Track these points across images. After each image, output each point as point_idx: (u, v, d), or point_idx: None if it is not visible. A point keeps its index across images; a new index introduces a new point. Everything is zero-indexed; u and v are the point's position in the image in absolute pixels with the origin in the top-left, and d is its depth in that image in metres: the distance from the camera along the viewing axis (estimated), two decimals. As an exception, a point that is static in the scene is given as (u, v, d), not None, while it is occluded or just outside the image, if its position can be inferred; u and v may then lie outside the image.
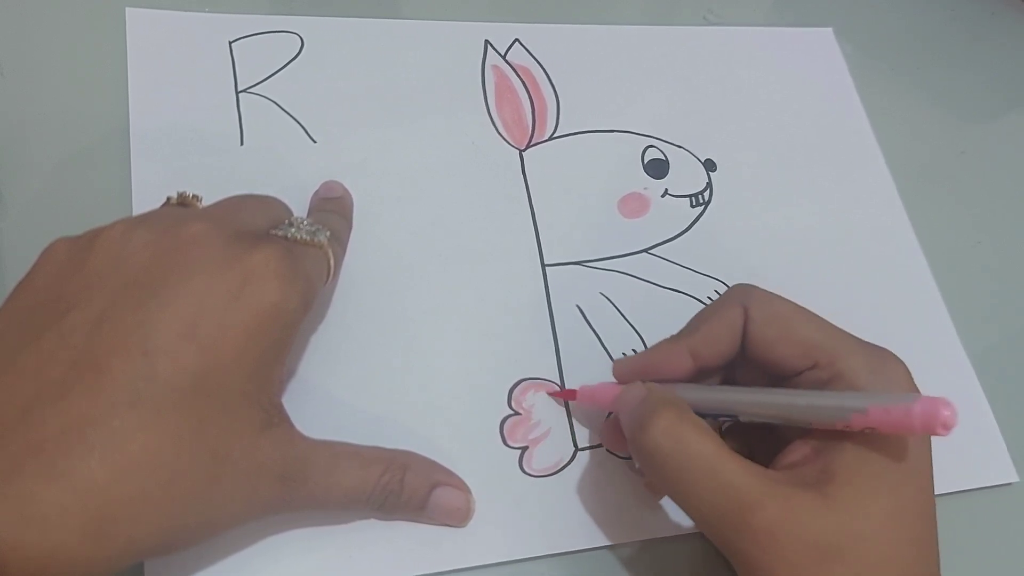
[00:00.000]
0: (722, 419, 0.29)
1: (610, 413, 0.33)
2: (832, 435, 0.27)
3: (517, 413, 0.34)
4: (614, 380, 0.32)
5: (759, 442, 0.31)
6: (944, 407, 0.23)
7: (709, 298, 0.38)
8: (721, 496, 0.25)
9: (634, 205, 0.40)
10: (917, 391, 0.28)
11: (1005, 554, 0.36)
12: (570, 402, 0.34)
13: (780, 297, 0.30)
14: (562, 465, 0.33)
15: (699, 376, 0.31)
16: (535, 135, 0.41)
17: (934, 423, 0.23)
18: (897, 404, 0.24)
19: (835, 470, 0.26)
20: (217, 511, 0.25)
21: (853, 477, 0.25)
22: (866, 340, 0.29)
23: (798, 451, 0.27)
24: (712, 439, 0.26)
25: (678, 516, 0.33)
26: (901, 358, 0.28)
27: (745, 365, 0.30)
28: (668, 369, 0.30)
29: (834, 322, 0.29)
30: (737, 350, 0.30)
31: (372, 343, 0.34)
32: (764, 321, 0.29)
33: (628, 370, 0.32)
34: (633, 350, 0.36)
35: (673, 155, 0.42)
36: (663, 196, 0.41)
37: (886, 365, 0.28)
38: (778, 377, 0.29)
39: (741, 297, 0.30)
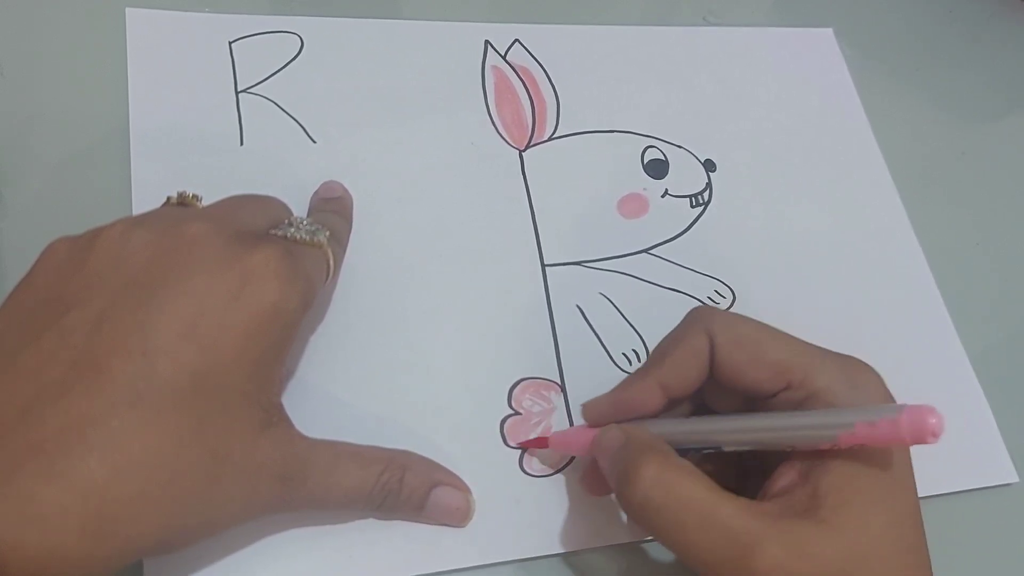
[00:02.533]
0: (704, 451, 0.28)
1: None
2: (816, 454, 0.26)
3: (517, 413, 0.34)
4: (584, 423, 0.31)
5: (741, 464, 0.30)
6: (930, 415, 0.23)
7: (709, 298, 0.38)
8: (720, 542, 0.25)
9: (634, 205, 0.40)
10: (892, 399, 0.27)
11: (1005, 554, 0.36)
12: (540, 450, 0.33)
13: (743, 317, 0.29)
14: (562, 465, 0.33)
15: (669, 406, 0.30)
16: (535, 135, 0.41)
17: (923, 432, 0.23)
18: (883, 417, 0.24)
19: (825, 492, 0.25)
20: (217, 511, 0.25)
21: (844, 496, 0.25)
22: (835, 351, 0.28)
23: (785, 476, 0.27)
24: (702, 482, 0.26)
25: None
26: (872, 367, 0.28)
27: (715, 390, 0.30)
28: (639, 406, 0.29)
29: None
30: (706, 377, 0.29)
31: (372, 343, 0.34)
32: (731, 345, 0.28)
33: (598, 412, 0.30)
34: (633, 350, 0.36)
35: (673, 155, 0.42)
36: (663, 196, 0.41)
37: (860, 376, 0.27)
38: (751, 400, 0.29)
39: (704, 322, 0.29)
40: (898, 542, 0.25)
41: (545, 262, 0.38)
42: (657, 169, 0.41)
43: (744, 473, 0.30)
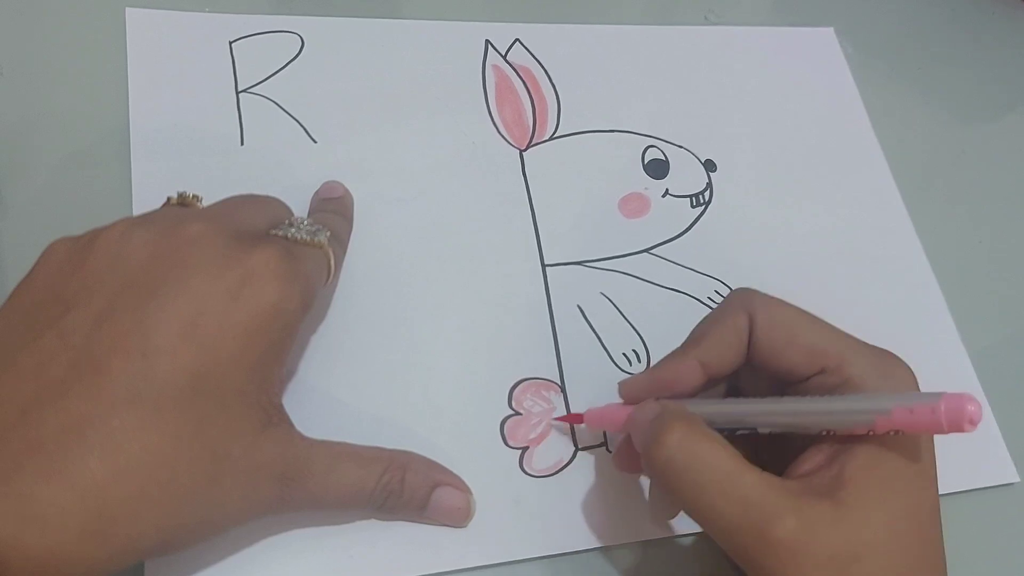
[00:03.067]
0: (737, 432, 0.29)
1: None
2: (845, 440, 0.26)
3: (517, 413, 0.34)
4: (620, 401, 0.32)
5: (766, 447, 0.30)
6: (969, 403, 0.23)
7: (709, 298, 0.38)
8: (739, 509, 0.25)
9: (634, 205, 0.40)
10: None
11: (1006, 554, 0.36)
12: (575, 426, 0.34)
13: (782, 301, 0.29)
14: (562, 465, 0.33)
15: (706, 385, 0.30)
16: (535, 135, 0.41)
17: (961, 420, 0.23)
18: (922, 403, 0.24)
19: (848, 475, 0.25)
20: (217, 511, 0.25)
21: (866, 482, 0.25)
22: (870, 343, 0.28)
23: (812, 459, 0.27)
24: (728, 451, 0.26)
25: (677, 517, 0.33)
26: (903, 359, 0.28)
27: (748, 373, 0.30)
28: (678, 384, 0.29)
29: (835, 323, 0.29)
30: (744, 357, 0.29)
31: (372, 343, 0.34)
32: (769, 326, 0.28)
33: (636, 389, 0.31)
34: (634, 351, 0.36)
35: (673, 155, 0.42)
36: (663, 196, 0.41)
37: (893, 369, 0.28)
38: (783, 383, 0.29)
39: (744, 302, 0.29)
40: (911, 533, 0.25)
41: (545, 262, 0.38)
42: (658, 169, 0.41)
43: (760, 465, 0.30)
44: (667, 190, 0.41)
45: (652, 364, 0.36)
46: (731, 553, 0.26)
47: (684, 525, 0.33)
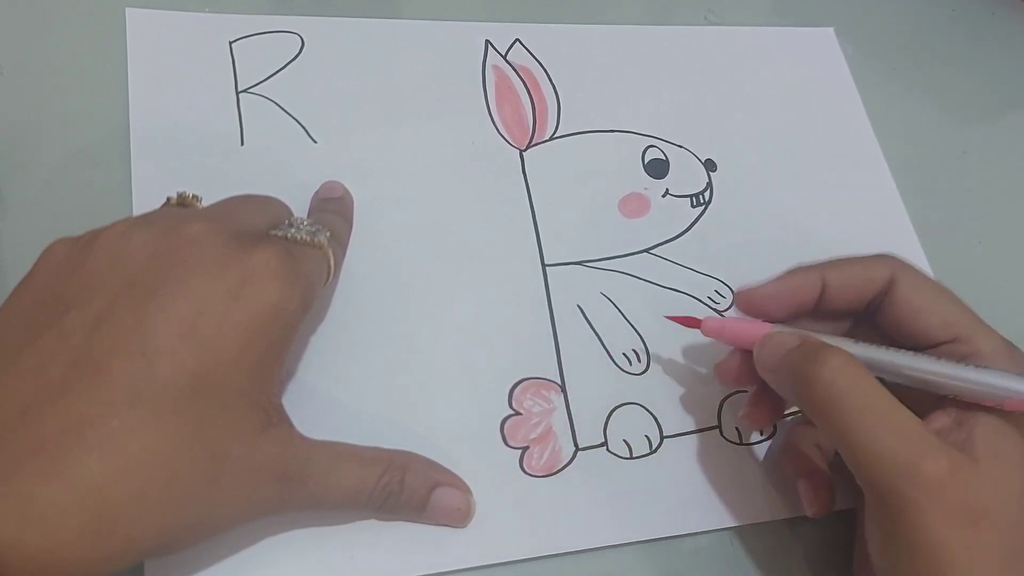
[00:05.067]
0: None
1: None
2: (966, 409, 0.28)
3: (517, 413, 0.34)
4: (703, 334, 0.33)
5: None
6: None
7: (709, 298, 0.38)
8: (898, 439, 0.26)
9: (635, 205, 0.40)
10: None
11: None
12: (692, 329, 0.33)
13: (923, 273, 0.31)
14: (562, 465, 0.33)
15: (819, 316, 0.31)
16: (535, 135, 0.41)
17: None
18: None
19: (979, 440, 0.27)
20: (216, 511, 0.25)
21: (994, 451, 0.27)
22: None
23: (939, 421, 0.28)
24: (883, 386, 0.27)
25: (677, 516, 0.33)
26: None
27: (869, 331, 0.31)
28: (797, 294, 0.31)
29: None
30: (861, 307, 0.31)
31: (372, 343, 0.34)
32: (913, 288, 0.30)
33: (756, 298, 0.32)
34: (634, 351, 0.36)
35: (674, 155, 0.42)
36: (664, 196, 0.41)
37: (1016, 354, 0.29)
38: (907, 343, 0.30)
39: (890, 263, 0.31)
40: None
41: (545, 262, 0.38)
42: (658, 169, 0.41)
43: None
44: (667, 190, 0.41)
45: (652, 361, 0.36)
46: (871, 481, 0.27)
47: (683, 525, 0.33)
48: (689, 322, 0.33)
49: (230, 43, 0.39)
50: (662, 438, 0.34)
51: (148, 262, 0.25)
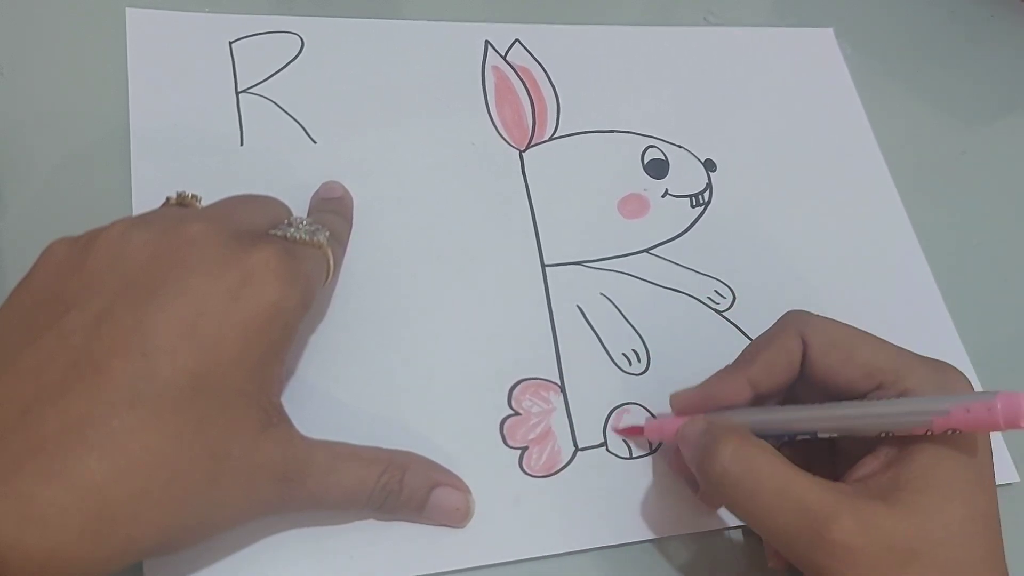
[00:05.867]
0: (787, 438, 0.29)
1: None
2: (901, 446, 0.27)
3: (517, 413, 0.34)
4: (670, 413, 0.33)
5: (817, 459, 0.31)
6: None
7: (709, 298, 0.38)
8: (795, 514, 0.26)
9: (634, 205, 0.40)
10: None
11: (1006, 553, 0.36)
12: (636, 437, 0.34)
13: (837, 322, 0.30)
14: (562, 465, 0.33)
15: (755, 402, 0.31)
16: (535, 135, 0.41)
17: (1018, 416, 0.24)
18: (978, 402, 0.25)
19: (907, 479, 0.26)
20: (216, 511, 0.25)
21: (926, 484, 0.26)
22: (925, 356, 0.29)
23: (868, 465, 0.28)
24: (779, 459, 0.27)
25: (678, 517, 0.33)
26: (960, 370, 0.29)
27: (804, 386, 0.30)
28: (727, 400, 0.30)
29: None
30: (795, 378, 0.30)
31: (372, 343, 0.34)
32: (825, 348, 0.29)
33: (687, 402, 0.32)
34: (634, 351, 0.36)
35: (673, 155, 0.42)
36: (663, 196, 0.41)
37: (949, 378, 0.28)
38: (839, 398, 0.29)
39: (797, 325, 0.30)
40: (971, 534, 0.26)
41: (545, 262, 0.38)
42: (657, 169, 0.41)
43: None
44: (667, 190, 0.41)
45: (652, 361, 0.36)
46: (790, 558, 0.26)
47: (683, 525, 0.33)
48: (634, 432, 0.34)
49: (230, 43, 0.39)
50: (662, 438, 0.34)
51: (148, 262, 0.25)
